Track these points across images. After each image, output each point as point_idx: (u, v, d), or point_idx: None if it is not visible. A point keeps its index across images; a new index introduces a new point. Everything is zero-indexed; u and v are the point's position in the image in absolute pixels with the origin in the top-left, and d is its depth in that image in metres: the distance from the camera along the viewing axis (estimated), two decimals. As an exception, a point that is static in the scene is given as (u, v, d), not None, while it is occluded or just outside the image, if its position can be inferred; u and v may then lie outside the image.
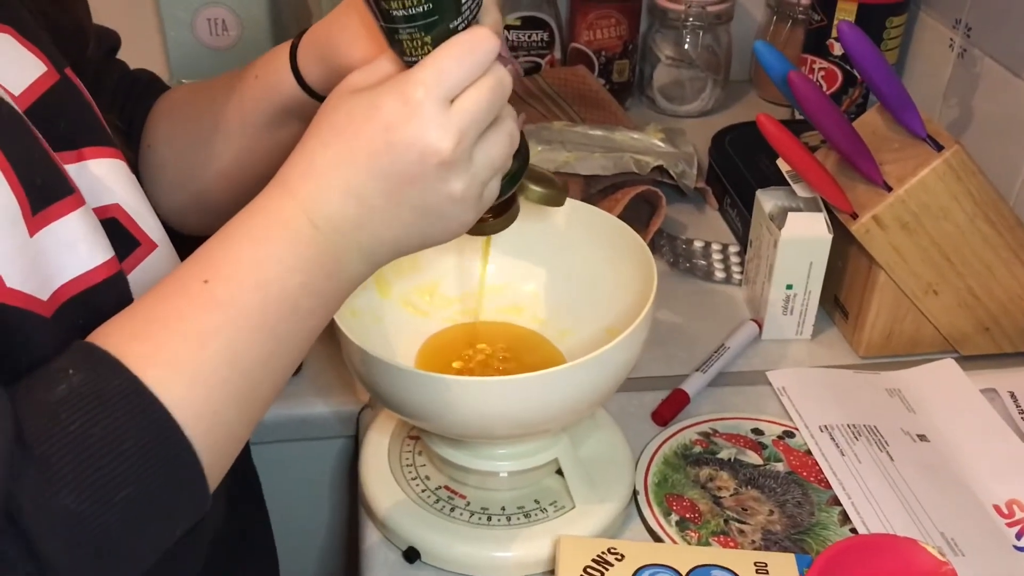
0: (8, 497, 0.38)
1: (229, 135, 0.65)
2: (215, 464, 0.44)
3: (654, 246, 0.95)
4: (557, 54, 1.21)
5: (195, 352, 0.43)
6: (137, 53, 1.15)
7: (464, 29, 0.47)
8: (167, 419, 0.42)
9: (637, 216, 0.94)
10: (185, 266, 0.46)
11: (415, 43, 0.46)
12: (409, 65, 0.47)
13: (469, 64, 0.46)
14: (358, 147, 0.46)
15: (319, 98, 0.61)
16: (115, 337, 0.43)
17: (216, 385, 0.44)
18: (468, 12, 0.47)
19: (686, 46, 1.19)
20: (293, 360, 0.48)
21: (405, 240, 0.49)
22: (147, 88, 0.72)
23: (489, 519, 0.66)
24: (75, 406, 0.40)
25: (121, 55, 0.74)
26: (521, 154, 0.54)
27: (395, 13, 0.45)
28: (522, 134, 0.54)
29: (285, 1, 1.16)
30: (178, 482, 0.43)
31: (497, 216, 0.58)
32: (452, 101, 0.46)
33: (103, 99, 0.59)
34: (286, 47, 0.62)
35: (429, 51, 0.46)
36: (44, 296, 0.46)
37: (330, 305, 0.49)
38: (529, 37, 1.18)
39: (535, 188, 0.58)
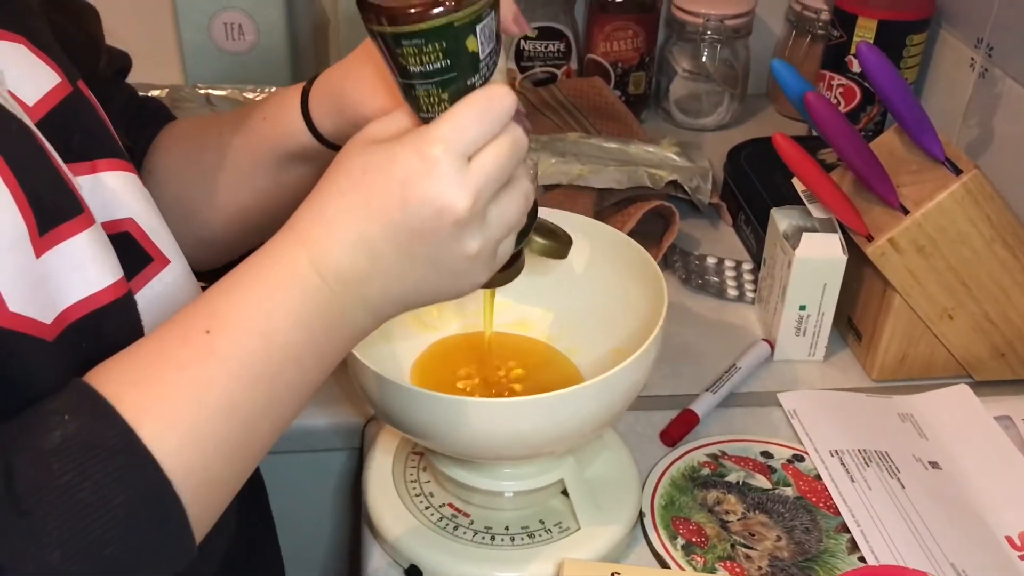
0: None
1: (233, 173, 0.65)
2: (202, 517, 0.44)
3: (667, 261, 0.94)
4: (573, 65, 1.20)
5: (192, 406, 0.43)
6: (154, 57, 1.15)
7: (481, 86, 0.46)
8: (159, 476, 0.41)
9: (650, 231, 0.94)
10: (188, 311, 0.46)
11: (432, 99, 0.46)
12: (425, 121, 0.47)
13: (488, 122, 0.45)
14: (373, 199, 0.45)
15: (329, 145, 0.61)
16: (114, 382, 0.43)
17: (211, 440, 0.43)
18: (486, 69, 0.47)
19: (704, 59, 1.18)
20: (291, 412, 0.48)
21: (414, 295, 0.48)
22: (154, 115, 0.71)
23: (493, 539, 0.65)
24: (68, 456, 0.40)
25: (138, 58, 0.74)
26: (532, 210, 0.54)
27: (412, 69, 0.45)
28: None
29: (302, 6, 1.15)
30: (164, 538, 0.42)
31: (502, 270, 0.57)
32: (469, 159, 0.45)
33: (111, 118, 0.58)
34: (297, 91, 0.61)
35: (446, 107, 0.46)
36: (47, 320, 0.46)
37: (332, 358, 0.48)
38: (545, 47, 1.18)
39: (540, 240, 0.57)
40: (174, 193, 0.67)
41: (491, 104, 0.45)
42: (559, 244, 0.58)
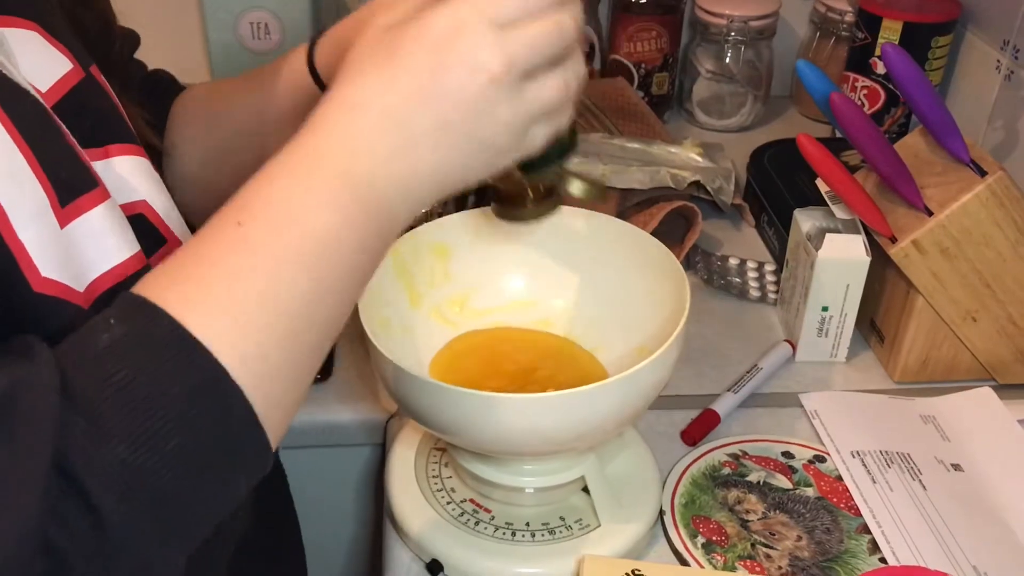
0: (59, 451, 0.37)
1: (249, 137, 0.65)
2: (270, 411, 0.42)
3: (689, 262, 0.94)
4: (596, 65, 1.21)
5: (234, 295, 0.42)
6: (180, 54, 1.17)
7: None
8: (213, 364, 0.40)
9: (672, 231, 0.94)
10: (220, 212, 0.45)
11: None
12: None
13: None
14: (408, 71, 0.45)
15: None
16: (154, 286, 0.42)
17: (260, 327, 0.42)
18: None
19: (727, 60, 1.18)
20: (342, 303, 0.46)
21: (446, 168, 0.47)
22: (167, 88, 0.72)
23: (513, 534, 0.65)
24: (119, 355, 0.39)
25: (164, 56, 0.75)
26: (572, 127, 0.53)
27: None
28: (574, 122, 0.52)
29: (327, 6, 1.16)
30: (230, 430, 0.41)
31: (537, 204, 0.57)
32: (505, 28, 0.45)
33: (130, 99, 0.59)
34: (304, 47, 0.62)
35: None
36: (80, 287, 0.46)
37: (375, 243, 0.47)
38: (569, 48, 1.18)
39: (576, 180, 0.56)
40: (196, 167, 0.68)
41: None
42: (596, 186, 0.57)
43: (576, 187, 0.57)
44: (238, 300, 0.42)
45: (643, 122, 1.11)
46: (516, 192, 0.56)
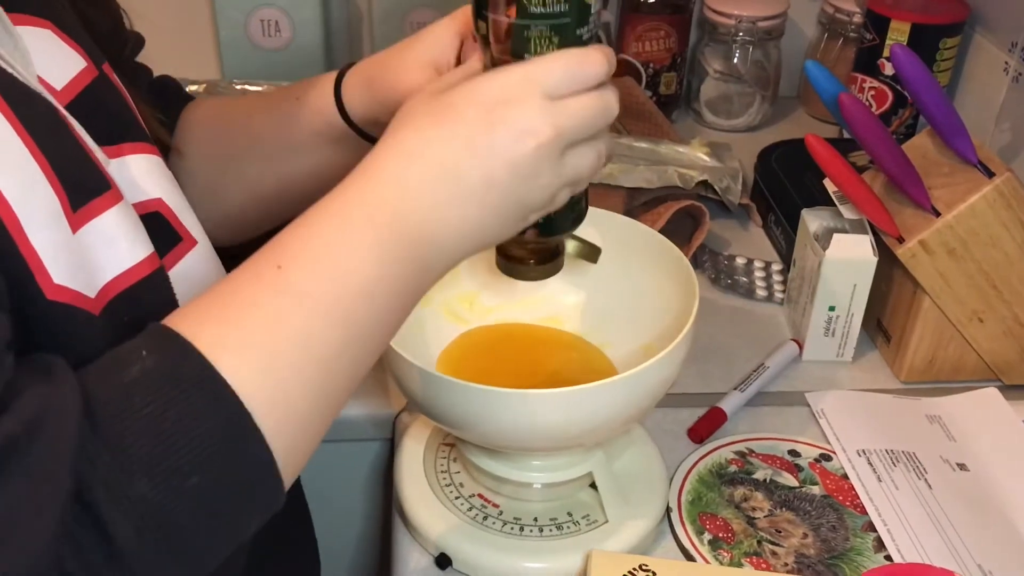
0: (80, 480, 0.37)
1: (262, 153, 0.66)
2: (288, 457, 0.43)
3: (696, 261, 0.95)
4: (605, 65, 1.21)
5: (267, 338, 0.43)
6: (190, 51, 1.17)
7: (588, 39, 0.50)
8: (238, 406, 0.41)
9: (680, 230, 0.94)
10: (260, 253, 0.46)
11: (542, 41, 0.49)
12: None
13: (579, 74, 0.48)
14: (460, 128, 0.47)
15: (356, 128, 0.63)
16: (188, 321, 0.43)
17: (288, 373, 0.43)
18: (592, 25, 0.50)
19: (735, 60, 1.18)
20: (369, 353, 0.47)
21: (487, 224, 0.49)
22: (176, 94, 0.73)
23: (521, 529, 0.66)
24: (149, 388, 0.40)
25: (174, 53, 0.75)
26: (586, 198, 0.57)
27: (533, 9, 0.48)
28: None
29: (336, 4, 1.17)
30: (248, 471, 0.42)
31: (541, 264, 0.58)
32: (555, 100, 0.48)
33: (139, 99, 0.59)
34: (331, 76, 0.63)
35: (553, 51, 0.49)
36: (91, 293, 0.46)
37: (406, 298, 0.48)
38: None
39: (576, 241, 0.60)
40: (202, 172, 0.68)
41: (585, 58, 0.48)
42: (592, 248, 0.61)
43: (575, 249, 0.60)
44: (271, 344, 0.43)
45: (651, 121, 1.11)
46: (523, 251, 0.58)
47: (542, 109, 0.47)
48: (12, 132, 0.43)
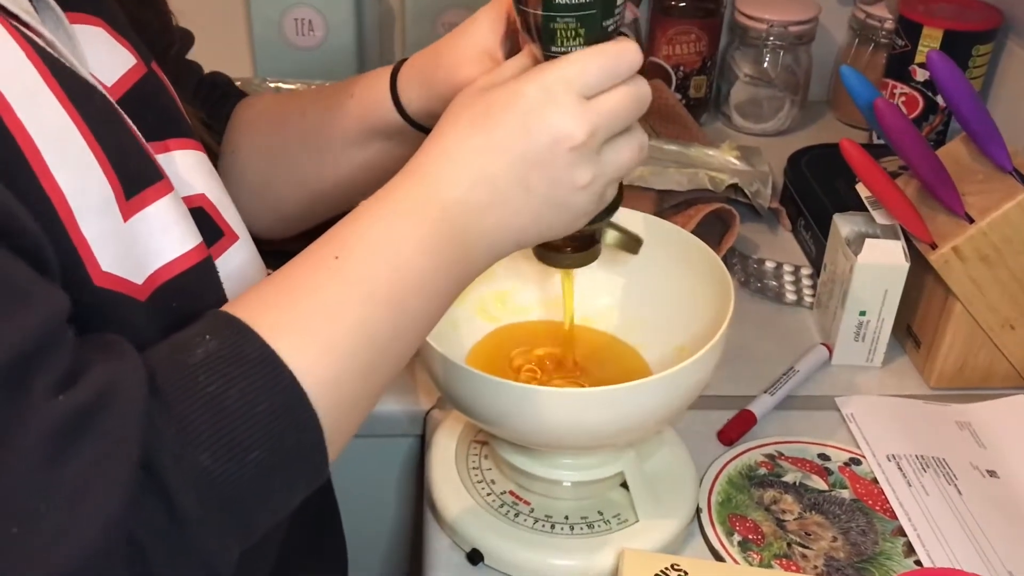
0: (147, 451, 0.39)
1: (316, 148, 0.67)
2: (334, 435, 0.45)
3: (725, 264, 0.95)
4: (635, 67, 1.21)
5: (327, 324, 0.45)
6: (224, 49, 1.18)
7: (613, 30, 0.50)
8: (296, 387, 0.43)
9: (709, 233, 0.94)
10: (315, 246, 0.48)
11: (568, 33, 0.49)
12: (553, 56, 0.50)
13: (611, 69, 0.49)
14: (498, 134, 0.49)
15: (411, 122, 0.64)
16: (249, 308, 0.45)
17: (344, 359, 0.45)
18: (618, 15, 0.51)
19: (765, 65, 1.18)
20: (417, 339, 0.50)
21: (530, 227, 0.51)
22: (226, 92, 0.74)
23: (552, 527, 0.66)
24: (213, 369, 0.42)
25: (209, 50, 0.76)
26: (620, 189, 0.57)
27: (559, 1, 0.49)
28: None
29: (370, 3, 1.18)
30: (302, 449, 0.44)
31: (578, 250, 0.59)
32: (590, 99, 0.49)
33: (184, 97, 0.60)
34: (387, 71, 0.64)
35: (580, 43, 0.50)
36: (139, 280, 0.48)
37: (453, 290, 0.50)
38: (608, 49, 1.19)
39: (616, 232, 0.61)
40: (255, 167, 0.69)
41: (617, 53, 0.49)
42: (632, 239, 0.61)
43: (614, 240, 0.61)
44: (328, 330, 0.45)
45: (681, 124, 1.12)
46: (557, 239, 0.58)
47: (576, 111, 0.48)
48: (71, 124, 0.45)
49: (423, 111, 0.63)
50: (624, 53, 0.49)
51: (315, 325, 0.45)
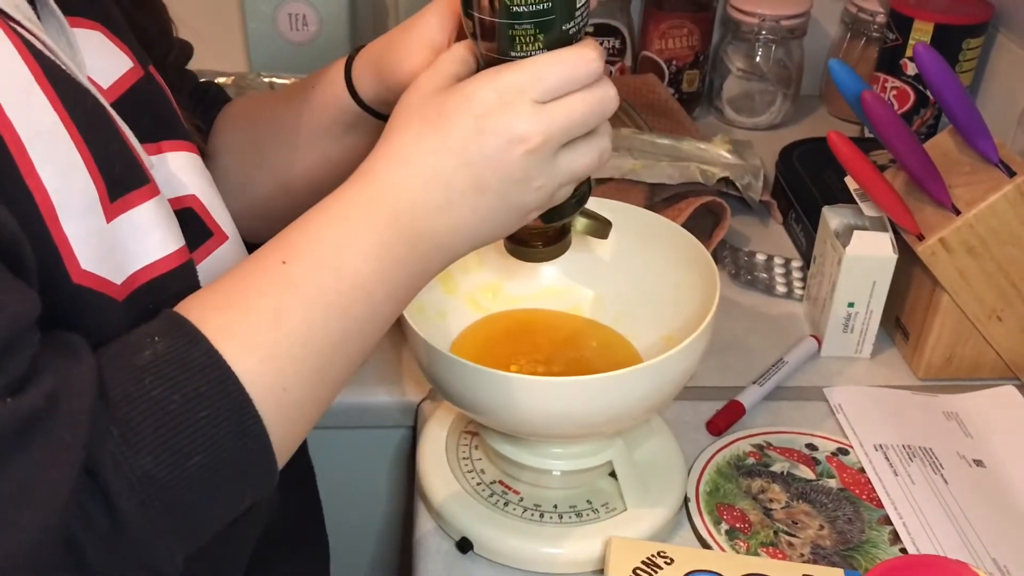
0: (91, 453, 0.40)
1: (285, 143, 0.67)
2: (282, 440, 0.46)
3: (716, 257, 0.96)
4: (628, 62, 1.22)
5: (271, 329, 0.45)
6: (219, 44, 1.19)
7: (575, 33, 0.49)
8: (240, 392, 0.44)
9: (701, 226, 0.95)
10: (266, 247, 0.48)
11: (526, 39, 0.49)
12: (510, 60, 0.49)
13: (567, 75, 0.48)
14: (453, 135, 0.48)
15: (370, 111, 0.64)
16: (199, 309, 0.46)
17: (289, 363, 0.45)
18: (580, 19, 0.49)
19: (758, 59, 1.19)
20: (365, 345, 0.50)
21: (482, 227, 0.51)
22: (214, 99, 0.74)
23: (542, 516, 0.67)
24: (159, 372, 0.43)
25: (203, 46, 0.76)
26: (588, 182, 0.56)
27: (515, 8, 0.48)
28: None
29: (363, -1, 1.19)
30: (248, 454, 0.44)
31: (548, 245, 0.59)
32: (546, 103, 0.48)
33: (180, 104, 0.61)
34: (341, 61, 0.64)
35: (539, 47, 0.49)
36: (118, 280, 0.48)
37: (404, 294, 0.50)
38: (601, 44, 1.19)
39: (584, 220, 0.60)
40: (234, 167, 0.70)
41: (575, 59, 0.48)
42: (601, 224, 0.61)
43: (583, 227, 0.60)
44: (273, 335, 0.45)
45: (673, 118, 1.12)
46: (528, 234, 0.59)
47: (531, 114, 0.48)
48: (60, 124, 0.45)
49: (378, 99, 0.63)
50: (582, 59, 0.48)
51: (260, 330, 0.45)
